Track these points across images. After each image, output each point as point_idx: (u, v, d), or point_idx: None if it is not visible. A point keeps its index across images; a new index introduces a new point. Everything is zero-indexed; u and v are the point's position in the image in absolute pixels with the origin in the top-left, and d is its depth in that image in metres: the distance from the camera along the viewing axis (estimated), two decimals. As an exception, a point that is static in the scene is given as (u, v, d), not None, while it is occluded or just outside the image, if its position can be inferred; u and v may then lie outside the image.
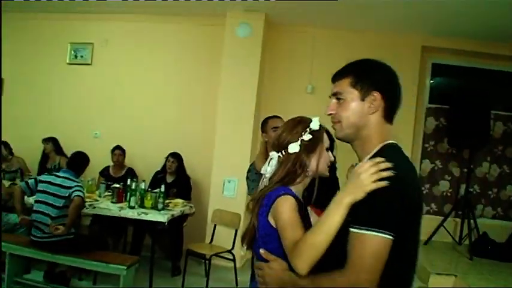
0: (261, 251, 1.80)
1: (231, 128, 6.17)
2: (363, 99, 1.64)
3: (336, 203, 1.51)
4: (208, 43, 6.77)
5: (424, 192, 6.82)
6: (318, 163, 1.87)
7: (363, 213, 1.46)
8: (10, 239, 4.74)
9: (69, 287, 4.72)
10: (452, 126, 6.29)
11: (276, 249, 1.73)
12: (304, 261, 1.53)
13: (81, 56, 7.13)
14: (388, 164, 1.46)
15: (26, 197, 4.85)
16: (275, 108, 5.38)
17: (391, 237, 1.42)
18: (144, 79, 7.00)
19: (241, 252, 5.30)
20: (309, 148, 1.87)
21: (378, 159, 1.50)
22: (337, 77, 1.73)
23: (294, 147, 1.86)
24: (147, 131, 6.89)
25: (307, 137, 1.86)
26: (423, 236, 6.31)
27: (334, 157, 2.04)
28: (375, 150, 1.63)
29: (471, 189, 6.61)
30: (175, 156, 6.11)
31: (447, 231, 6.30)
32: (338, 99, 1.70)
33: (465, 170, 6.47)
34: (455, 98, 6.34)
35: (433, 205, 6.84)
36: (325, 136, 1.92)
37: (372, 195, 1.44)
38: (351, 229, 1.46)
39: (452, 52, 6.66)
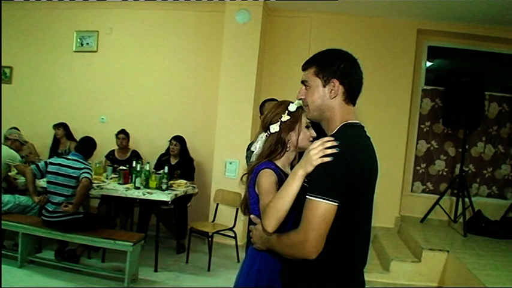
0: (251, 216, 2.13)
1: (231, 111, 6.35)
2: (324, 86, 1.86)
3: (293, 174, 1.80)
4: (209, 29, 6.94)
5: (420, 171, 7.03)
6: (297, 140, 2.15)
7: (312, 183, 1.73)
8: (22, 219, 5.01)
9: (79, 264, 4.97)
10: (448, 107, 6.41)
11: None
12: (269, 220, 1.84)
13: (87, 44, 7.32)
14: (333, 142, 1.71)
15: (36, 179, 5.16)
16: (274, 92, 5.59)
17: (335, 203, 1.68)
18: (147, 65, 7.19)
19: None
20: (287, 127, 2.17)
21: (326, 138, 1.75)
22: (304, 67, 1.96)
23: (274, 128, 2.17)
24: (151, 116, 7.12)
25: (285, 118, 2.15)
26: (419, 215, 6.59)
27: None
28: (336, 130, 1.86)
29: (466, 169, 6.75)
30: (178, 139, 6.31)
31: (443, 209, 6.47)
32: (306, 86, 1.94)
33: (460, 149, 6.61)
34: (450, 80, 6.43)
35: (429, 184, 7.03)
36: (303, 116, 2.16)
37: (320, 168, 1.71)
38: (306, 196, 1.72)
39: (447, 35, 6.79)
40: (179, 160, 6.32)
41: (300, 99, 1.99)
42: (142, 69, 7.21)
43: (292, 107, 2.16)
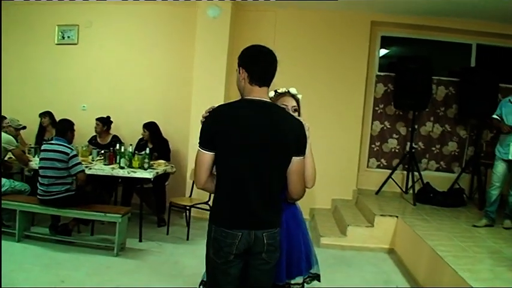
0: None
1: (204, 96, 6.82)
2: (239, 73, 2.44)
3: None
4: (182, 22, 7.41)
5: (375, 149, 7.80)
6: None
7: None
8: (20, 199, 5.54)
9: (71, 236, 5.56)
10: (399, 91, 7.13)
11: None
12: None
13: (68, 37, 7.72)
14: (207, 110, 2.38)
15: (29, 163, 5.81)
16: (243, 79, 6.16)
17: (205, 151, 2.31)
18: (126, 56, 7.63)
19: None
20: None
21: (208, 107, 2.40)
22: None
23: None
24: (130, 103, 7.58)
25: None
26: (374, 187, 7.37)
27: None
28: None
29: (416, 146, 7.54)
30: (147, 127, 6.76)
31: (395, 182, 7.25)
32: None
33: (410, 129, 7.35)
34: (400, 66, 7.12)
35: (382, 160, 7.79)
36: (284, 97, 2.81)
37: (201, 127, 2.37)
38: None
39: (398, 26, 7.46)
40: (154, 144, 6.76)
41: None
42: (121, 59, 7.64)
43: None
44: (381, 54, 7.84)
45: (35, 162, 5.81)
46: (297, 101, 2.83)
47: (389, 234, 5.98)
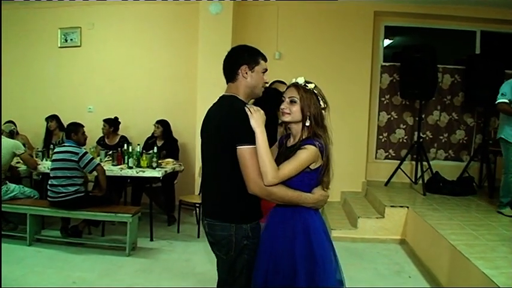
0: None
1: (210, 93, 6.66)
2: None
3: None
4: (185, 20, 7.42)
5: (382, 140, 7.78)
6: None
7: None
8: (30, 202, 5.57)
9: (82, 238, 5.59)
10: (404, 81, 7.10)
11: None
12: None
13: (71, 40, 7.75)
14: None
15: (38, 166, 5.83)
16: (247, 75, 6.16)
17: None
18: (129, 56, 7.65)
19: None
20: None
21: None
22: None
23: None
24: (136, 103, 7.60)
25: None
26: (383, 179, 7.32)
27: None
28: None
29: (424, 135, 7.50)
30: (161, 123, 6.81)
31: (404, 172, 7.20)
32: None
33: (417, 118, 7.30)
34: (405, 56, 7.09)
35: (391, 151, 7.77)
36: (288, 89, 2.58)
37: None
38: None
39: (401, 15, 7.44)
40: (164, 142, 6.81)
41: None
42: (125, 60, 7.66)
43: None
44: (385, 45, 7.80)
45: (43, 165, 5.83)
46: (307, 91, 2.53)
47: (400, 225, 5.95)
